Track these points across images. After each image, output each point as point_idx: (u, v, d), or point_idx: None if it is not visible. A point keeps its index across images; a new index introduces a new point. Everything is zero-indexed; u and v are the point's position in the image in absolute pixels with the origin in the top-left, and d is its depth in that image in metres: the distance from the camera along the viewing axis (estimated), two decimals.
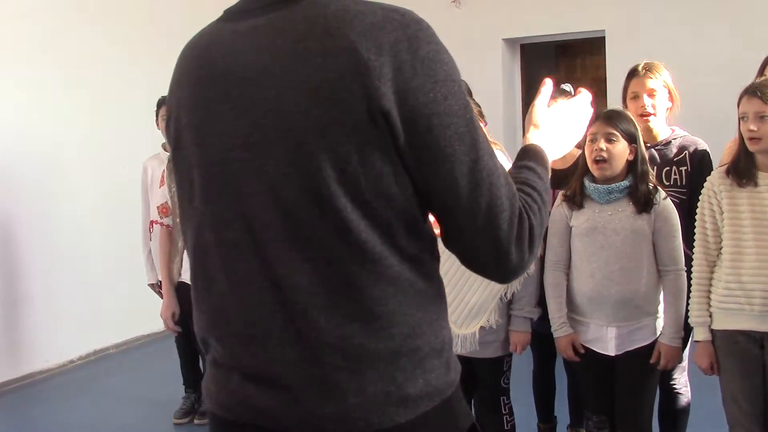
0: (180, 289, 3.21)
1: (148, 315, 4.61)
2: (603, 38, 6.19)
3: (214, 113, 1.17)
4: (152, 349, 5.47)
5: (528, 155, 1.29)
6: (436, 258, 1.20)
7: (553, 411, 3.39)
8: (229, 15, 1.23)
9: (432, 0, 6.61)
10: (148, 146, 4.13)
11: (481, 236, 1.12)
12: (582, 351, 2.72)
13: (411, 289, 1.13)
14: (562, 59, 7.15)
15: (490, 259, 1.14)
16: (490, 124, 6.48)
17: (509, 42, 6.67)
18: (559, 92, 3.25)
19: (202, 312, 1.25)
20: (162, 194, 3.22)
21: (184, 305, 3.24)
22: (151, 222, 3.41)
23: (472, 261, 1.17)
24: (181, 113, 1.22)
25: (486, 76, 6.49)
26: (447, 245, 1.18)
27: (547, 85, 1.42)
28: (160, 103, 3.91)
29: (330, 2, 1.12)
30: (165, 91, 4.08)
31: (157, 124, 3.95)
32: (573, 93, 3.29)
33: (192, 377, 4.06)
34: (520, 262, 1.15)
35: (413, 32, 1.08)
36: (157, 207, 3.24)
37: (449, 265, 2.69)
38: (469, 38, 6.51)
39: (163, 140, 3.97)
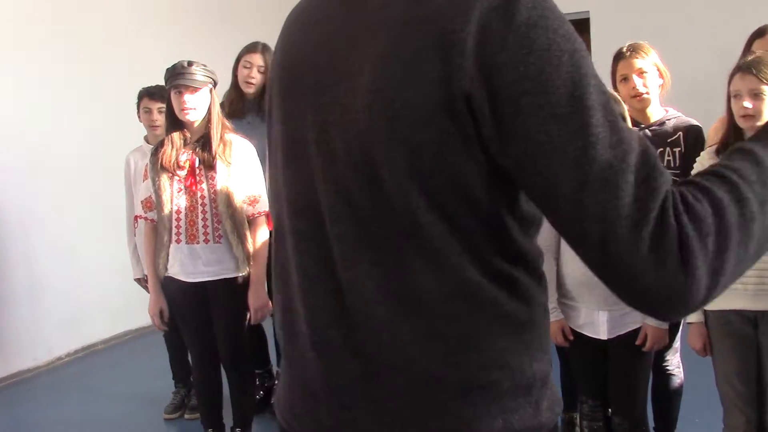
0: (166, 283, 3.16)
1: (136, 310, 4.57)
2: (588, 20, 6.15)
3: (299, 86, 1.04)
4: (141, 344, 5.42)
5: (762, 135, 0.94)
6: (538, 277, 1.01)
7: None
8: None
9: None
10: (133, 140, 4.06)
11: (599, 253, 0.85)
12: (571, 337, 2.70)
13: (494, 311, 0.95)
14: None
15: (624, 286, 0.86)
16: None
17: None
18: None
19: (277, 304, 1.13)
20: (146, 188, 3.16)
21: (170, 299, 3.19)
22: (135, 216, 3.35)
23: (615, 291, 0.88)
24: (272, 86, 1.12)
25: None
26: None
27: None
28: (141, 95, 3.85)
29: None
30: (145, 83, 3.98)
31: (139, 117, 3.89)
32: None
33: (181, 372, 4.03)
34: (668, 286, 0.82)
35: None
36: (141, 201, 3.18)
37: None
38: None
39: (146, 133, 3.91)
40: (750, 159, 0.89)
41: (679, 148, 2.88)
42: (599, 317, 2.65)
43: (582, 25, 6.24)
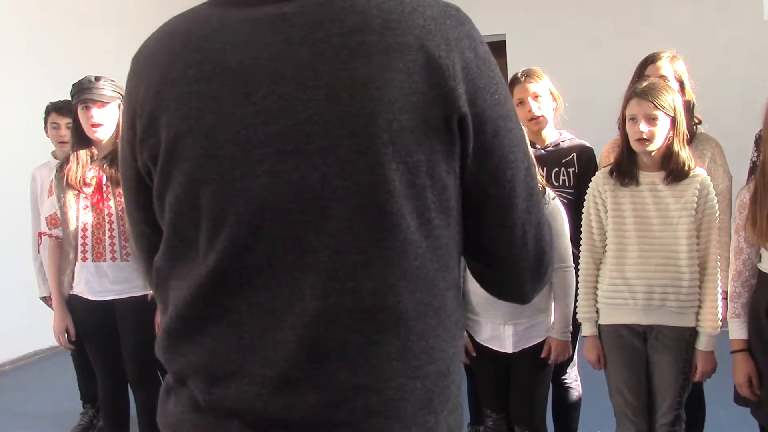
0: (71, 301, 3.10)
1: (46, 329, 4.44)
2: (504, 42, 6.31)
3: (228, 118, 0.96)
4: (50, 364, 5.27)
5: None
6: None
7: None
8: (229, 0, 1.02)
9: None
10: (40, 154, 3.98)
11: (531, 251, 1.05)
12: (474, 353, 2.76)
13: (449, 321, 1.01)
14: None
15: (529, 276, 1.08)
16: None
17: None
18: None
19: (195, 345, 1.02)
20: (50, 204, 3.09)
21: (76, 318, 3.13)
22: (40, 233, 3.28)
23: (506, 282, 1.09)
24: (172, 118, 0.99)
25: None
26: (482, 267, 1.09)
27: None
28: (49, 109, 3.78)
29: None
30: (54, 97, 3.89)
31: (46, 132, 3.81)
32: None
33: (89, 392, 3.94)
34: (550, 278, 1.13)
35: (470, 29, 0.99)
36: (46, 218, 3.12)
37: None
38: None
39: (53, 148, 3.83)
40: None
41: (573, 169, 3.00)
42: (505, 331, 2.71)
43: (498, 47, 6.40)
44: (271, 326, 0.97)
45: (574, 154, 3.02)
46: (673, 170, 2.49)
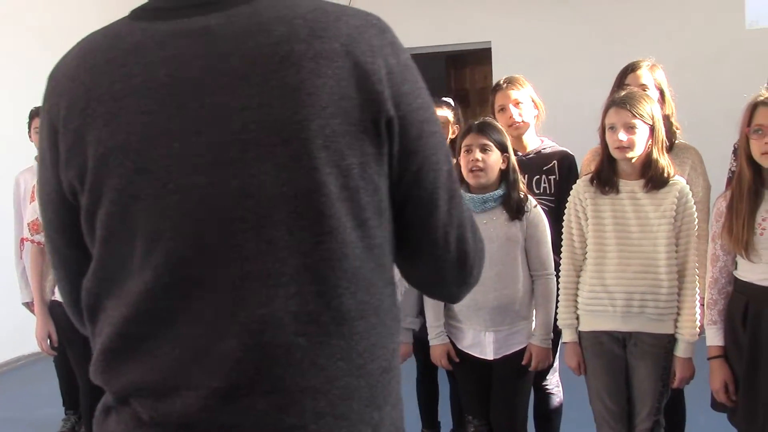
0: (53, 307, 3.09)
1: (28, 335, 4.42)
2: (489, 49, 6.35)
3: (160, 132, 0.96)
4: (33, 370, 5.24)
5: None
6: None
7: (437, 416, 3.45)
8: (152, 13, 1.03)
9: None
10: (24, 159, 3.96)
11: (453, 252, 1.07)
12: (457, 360, 2.78)
13: (388, 318, 1.04)
14: (452, 70, 7.29)
15: (454, 277, 1.11)
16: None
17: None
18: (441, 103, 3.34)
19: (136, 362, 1.00)
20: (33, 210, 3.09)
21: (58, 324, 3.13)
22: (22, 239, 3.27)
23: (432, 282, 1.14)
24: (100, 135, 0.98)
25: None
26: (407, 265, 1.12)
27: None
28: (33, 114, 3.77)
29: (299, 1, 1.02)
30: (38, 102, 3.91)
31: (30, 136, 3.80)
32: (453, 105, 3.38)
33: (71, 398, 3.92)
34: (477, 279, 1.14)
35: (392, 37, 1.03)
36: (28, 223, 3.11)
37: None
38: None
39: (37, 153, 3.82)
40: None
41: (554, 176, 3.02)
42: (486, 338, 2.73)
43: (484, 54, 6.44)
44: (214, 337, 0.97)
45: (556, 161, 3.04)
46: (653, 178, 2.51)
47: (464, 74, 7.19)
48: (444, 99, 3.65)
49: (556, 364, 3.01)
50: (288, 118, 0.94)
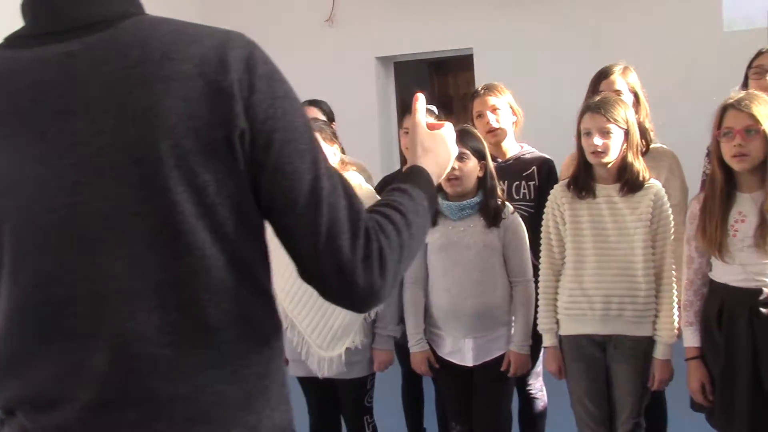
0: None
1: None
2: (471, 56, 6.38)
3: (23, 156, 1.02)
4: None
5: (409, 177, 1.24)
6: (271, 283, 1.15)
7: (422, 423, 3.46)
8: (18, 41, 1.07)
9: (305, 19, 6.69)
10: None
11: (324, 260, 1.05)
12: (437, 366, 2.80)
13: (261, 326, 1.09)
14: (435, 77, 7.33)
15: (336, 285, 1.08)
16: (365, 142, 6.57)
17: (382, 60, 6.78)
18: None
19: (15, 378, 1.06)
20: None
21: None
22: None
23: (321, 290, 1.11)
24: None
25: (361, 94, 6.58)
26: (300, 275, 1.11)
27: (421, 99, 1.36)
28: None
29: (158, 24, 1.06)
30: None
31: None
32: (436, 113, 3.42)
33: None
34: (370, 287, 1.07)
35: (249, 52, 1.06)
36: None
37: (304, 289, 2.74)
38: (343, 57, 6.58)
39: None
40: (407, 194, 1.18)
41: (534, 182, 3.05)
42: (465, 345, 2.75)
43: (467, 61, 6.48)
44: (85, 352, 1.02)
45: (535, 167, 3.07)
46: (628, 182, 2.54)
47: (447, 81, 7.23)
48: (428, 107, 3.68)
49: (540, 368, 3.04)
50: (140, 140, 1.00)
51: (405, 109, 6.61)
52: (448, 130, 1.35)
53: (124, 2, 1.08)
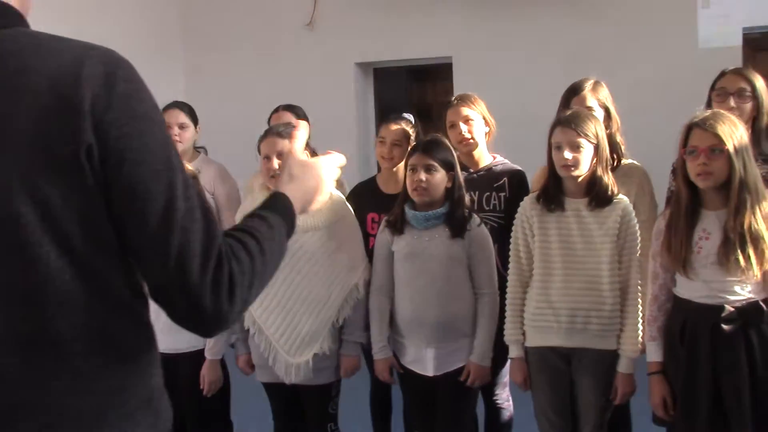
0: None
1: None
2: (450, 64, 6.41)
3: None
4: None
5: (270, 204, 1.25)
6: (146, 300, 1.14)
7: (390, 430, 3.47)
8: None
9: (286, 22, 6.68)
10: None
11: (172, 283, 1.06)
12: (401, 370, 2.81)
13: (122, 340, 1.09)
14: (414, 84, 7.34)
15: (184, 308, 1.08)
16: (343, 148, 6.49)
17: (362, 66, 6.78)
18: (400, 119, 3.35)
19: None
20: None
21: None
22: None
23: (169, 311, 1.10)
24: None
25: (340, 100, 6.58)
26: (151, 296, 1.11)
27: (302, 127, 1.38)
28: None
29: (21, 37, 1.06)
30: None
31: None
32: (413, 122, 3.42)
33: None
34: (218, 311, 1.08)
35: (111, 70, 1.05)
36: None
37: (282, 293, 2.75)
38: (323, 61, 6.59)
39: None
40: (265, 221, 1.19)
41: (504, 193, 3.07)
42: (426, 354, 2.76)
43: (446, 68, 6.50)
44: None
45: (506, 178, 3.09)
46: (597, 196, 2.57)
47: (426, 88, 7.25)
48: (404, 115, 3.69)
49: (507, 378, 3.05)
50: None
51: (384, 115, 6.66)
52: (325, 162, 1.36)
53: None
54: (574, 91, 2.97)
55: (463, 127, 3.07)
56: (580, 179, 2.58)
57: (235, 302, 1.10)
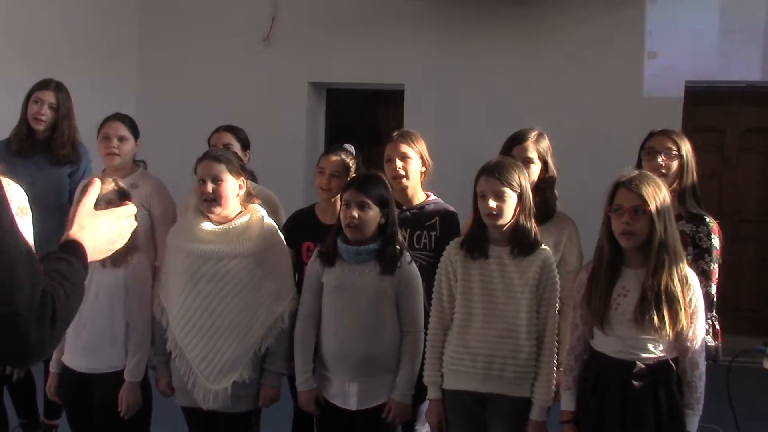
0: None
1: None
2: (402, 92, 6.47)
3: None
4: None
5: (67, 249, 1.35)
6: None
7: None
8: None
9: (242, 36, 6.67)
10: None
11: None
12: (323, 402, 2.81)
13: None
14: (368, 107, 7.38)
15: (8, 339, 1.13)
16: (290, 167, 6.53)
17: (315, 86, 6.81)
18: (341, 150, 3.34)
19: None
20: None
21: None
22: None
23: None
24: None
25: (291, 118, 6.60)
26: None
27: (96, 185, 1.49)
28: None
29: None
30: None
31: None
32: (354, 154, 3.42)
33: None
34: (40, 342, 1.15)
35: None
36: None
37: (205, 318, 2.73)
38: (277, 79, 6.59)
39: None
40: (70, 264, 1.30)
41: (435, 232, 3.10)
42: (350, 389, 2.76)
43: (399, 96, 6.56)
44: None
45: (438, 218, 3.13)
46: (520, 245, 2.61)
47: (378, 113, 7.29)
48: (345, 146, 3.70)
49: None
50: None
51: (334, 136, 6.67)
52: (117, 213, 1.50)
53: None
54: (517, 139, 3.02)
55: (399, 163, 3.10)
56: (504, 228, 2.61)
57: (55, 336, 1.18)
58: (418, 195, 3.19)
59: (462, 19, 6.20)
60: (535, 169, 2.96)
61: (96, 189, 1.48)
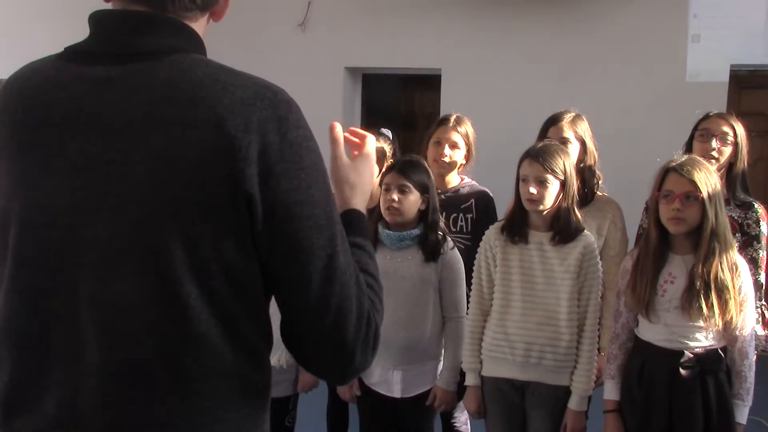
0: None
1: None
2: (439, 76, 6.40)
3: (43, 165, 1.02)
4: None
5: (353, 227, 1.19)
6: (270, 345, 1.11)
7: None
8: (73, 55, 1.08)
9: (279, 21, 6.64)
10: None
11: (327, 337, 1.05)
12: (359, 393, 2.78)
13: (242, 384, 1.06)
14: (403, 92, 7.32)
15: (331, 361, 1.08)
16: (325, 152, 6.45)
17: (351, 70, 6.76)
18: (378, 135, 3.33)
19: None
20: None
21: None
22: None
23: (312, 362, 1.11)
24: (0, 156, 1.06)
25: (327, 103, 6.54)
26: (286, 339, 1.09)
27: (338, 129, 1.31)
28: None
29: (197, 65, 1.03)
30: None
31: None
32: (391, 139, 3.38)
33: None
34: (363, 364, 1.09)
35: (284, 113, 1.02)
36: None
37: None
38: (313, 64, 6.55)
39: None
40: (369, 255, 1.18)
41: (471, 215, 3.06)
42: (394, 377, 2.73)
43: (435, 80, 6.49)
44: (66, 372, 1.02)
45: (473, 200, 3.08)
46: (561, 231, 2.54)
47: (414, 98, 7.23)
48: (382, 130, 3.66)
49: None
50: (145, 180, 0.98)
51: (370, 121, 6.63)
52: (368, 148, 1.33)
53: (176, 37, 1.06)
54: (552, 121, 2.96)
55: (447, 150, 3.05)
56: (544, 213, 2.55)
57: (374, 354, 1.11)
58: (453, 179, 3.14)
59: (499, 2, 6.10)
60: (573, 149, 2.88)
61: (339, 134, 1.29)
